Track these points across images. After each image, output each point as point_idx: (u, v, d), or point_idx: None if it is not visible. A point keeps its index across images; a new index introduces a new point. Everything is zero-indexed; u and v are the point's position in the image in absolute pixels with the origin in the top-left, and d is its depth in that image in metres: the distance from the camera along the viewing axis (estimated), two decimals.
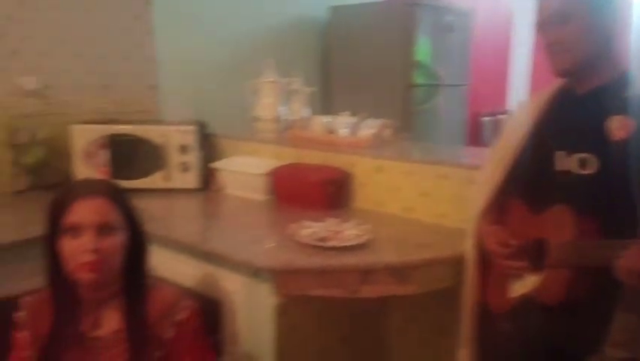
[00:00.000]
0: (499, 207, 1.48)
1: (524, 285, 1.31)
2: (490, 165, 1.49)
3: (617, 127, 1.21)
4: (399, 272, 1.50)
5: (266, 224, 1.97)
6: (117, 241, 1.18)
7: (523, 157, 1.39)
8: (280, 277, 1.49)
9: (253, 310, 1.58)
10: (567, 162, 1.27)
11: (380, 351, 2.04)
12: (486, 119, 4.80)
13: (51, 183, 2.31)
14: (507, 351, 1.35)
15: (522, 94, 5.01)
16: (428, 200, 1.86)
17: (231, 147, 2.46)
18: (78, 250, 1.13)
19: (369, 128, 2.19)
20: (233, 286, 1.60)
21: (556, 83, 1.40)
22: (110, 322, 1.23)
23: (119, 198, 1.22)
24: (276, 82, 2.44)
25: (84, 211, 1.14)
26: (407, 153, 2.06)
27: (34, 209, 2.05)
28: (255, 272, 1.54)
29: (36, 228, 1.70)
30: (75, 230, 1.14)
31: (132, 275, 1.23)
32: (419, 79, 3.31)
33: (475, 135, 4.58)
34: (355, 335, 1.92)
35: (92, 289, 1.20)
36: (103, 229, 1.15)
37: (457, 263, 1.53)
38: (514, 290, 1.36)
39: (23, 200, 2.18)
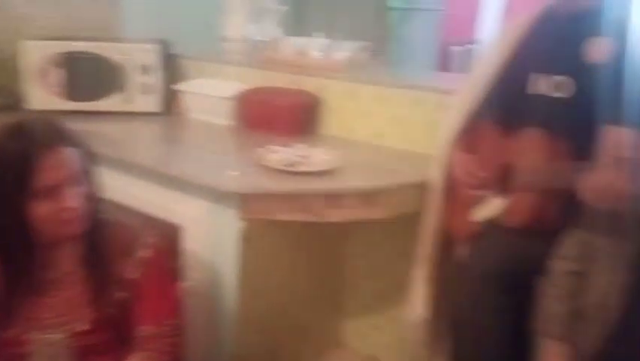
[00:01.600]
0: (472, 132, 1.46)
1: (490, 209, 1.32)
2: (465, 90, 1.45)
3: (596, 49, 1.17)
4: (365, 197, 1.48)
5: (231, 149, 1.91)
6: (87, 186, 1.11)
7: (498, 79, 1.35)
8: (246, 201, 1.46)
9: (217, 236, 1.55)
10: (542, 85, 1.24)
11: (339, 274, 2.07)
12: (455, 48, 4.68)
13: (2, 104, 2.17)
14: (462, 274, 1.37)
15: (493, 24, 4.87)
16: (400, 126, 1.82)
17: (196, 69, 2.33)
18: (58, 210, 1.04)
19: (344, 50, 2.10)
20: (196, 212, 1.56)
21: (543, 5, 1.34)
22: (65, 263, 1.15)
23: (74, 139, 1.09)
24: None
25: (55, 169, 1.02)
26: (381, 76, 1.99)
27: None
28: (219, 197, 1.49)
29: None
30: (51, 190, 1.03)
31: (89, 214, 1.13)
32: (395, 1, 3.17)
33: (444, 65, 4.46)
34: (317, 259, 1.94)
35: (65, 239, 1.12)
36: (75, 179, 1.06)
37: (424, 188, 1.52)
38: (479, 215, 1.36)
39: None
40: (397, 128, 1.82)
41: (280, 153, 1.54)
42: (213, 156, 1.71)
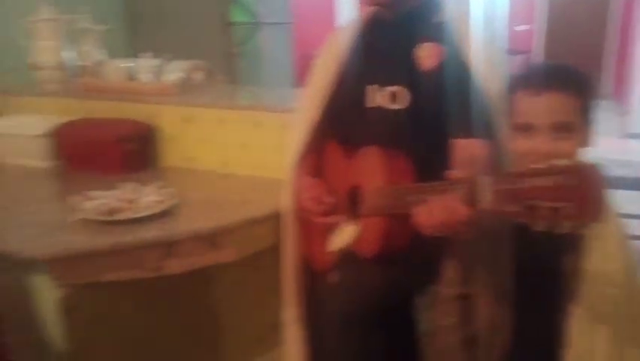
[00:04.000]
0: (316, 153, 1.33)
1: (343, 238, 1.18)
2: (304, 105, 1.31)
3: (426, 55, 1.10)
4: (210, 240, 1.28)
5: (47, 198, 1.59)
6: None
7: (336, 94, 1.24)
8: (58, 265, 1.18)
9: (35, 310, 1.26)
10: (378, 97, 1.14)
11: (211, 321, 1.84)
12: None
13: None
14: (333, 308, 1.22)
15: None
16: (245, 151, 1.65)
17: (4, 105, 1.97)
18: None
19: (176, 71, 1.88)
20: (3, 282, 1.25)
21: (368, 10, 1.25)
22: None
23: None
24: (55, 20, 1.97)
25: None
26: (219, 98, 1.80)
27: None
28: (27, 263, 1.20)
29: None
30: None
31: None
32: (237, 16, 3.02)
33: (307, 77, 4.42)
34: (179, 310, 1.69)
35: None
36: None
37: (278, 219, 1.36)
38: (334, 244, 1.23)
39: None
40: (243, 154, 1.65)
41: (100, 199, 1.29)
42: (20, 211, 1.40)
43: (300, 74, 4.18)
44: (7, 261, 1.18)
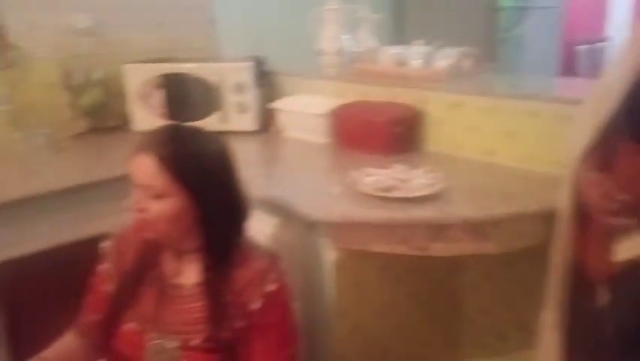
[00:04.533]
0: (605, 151, 1.21)
1: (634, 247, 1.06)
2: (596, 98, 1.20)
3: None
4: (476, 229, 1.28)
5: (326, 170, 1.79)
6: (166, 207, 1.04)
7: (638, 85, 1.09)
8: (337, 230, 1.33)
9: (312, 265, 1.44)
10: None
11: (452, 307, 1.86)
12: (582, 47, 4.22)
13: (110, 125, 2.26)
14: (604, 323, 1.11)
15: (625, 18, 4.32)
16: (514, 141, 1.59)
17: (293, 85, 2.27)
18: (131, 207, 1.07)
19: (445, 58, 1.91)
20: (291, 239, 1.46)
21: None
22: (190, 274, 1.13)
23: (174, 159, 1.03)
24: (339, 9, 2.18)
25: (132, 173, 1.04)
26: (489, 86, 1.77)
27: (93, 152, 2.03)
28: (311, 225, 1.38)
29: (98, 171, 1.69)
30: (133, 185, 1.05)
31: (214, 235, 1.09)
32: (505, 1, 2.90)
33: (569, 66, 4.04)
34: (424, 290, 1.75)
35: (156, 245, 1.13)
36: (147, 188, 1.03)
37: (546, 217, 1.29)
38: (621, 252, 1.11)
39: (83, 143, 2.14)
40: (510, 144, 1.60)
41: (375, 176, 1.40)
42: (306, 179, 1.62)
43: (565, 62, 3.83)
44: (298, 221, 1.38)
